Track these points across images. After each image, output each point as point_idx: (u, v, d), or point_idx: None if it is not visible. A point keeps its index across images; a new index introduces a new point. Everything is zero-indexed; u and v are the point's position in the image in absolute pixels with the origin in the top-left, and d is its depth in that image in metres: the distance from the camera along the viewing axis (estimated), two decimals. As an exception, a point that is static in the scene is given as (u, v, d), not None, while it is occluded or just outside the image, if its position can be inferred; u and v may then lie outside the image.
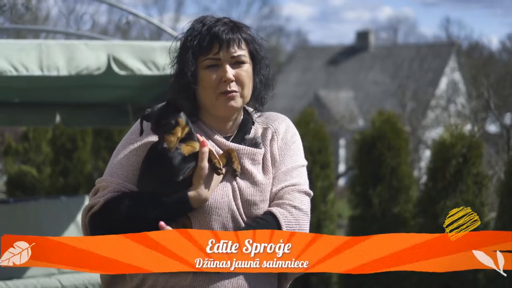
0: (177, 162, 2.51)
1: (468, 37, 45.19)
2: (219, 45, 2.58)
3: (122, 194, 2.56)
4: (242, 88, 2.62)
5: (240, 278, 2.54)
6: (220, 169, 2.53)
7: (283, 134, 2.71)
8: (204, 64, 2.60)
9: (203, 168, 2.52)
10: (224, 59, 2.59)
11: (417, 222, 7.24)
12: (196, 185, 2.53)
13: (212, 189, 2.54)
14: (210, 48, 2.58)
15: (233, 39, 2.59)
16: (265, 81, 2.68)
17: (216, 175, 2.54)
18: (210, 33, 2.59)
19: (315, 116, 8.95)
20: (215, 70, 2.59)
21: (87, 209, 2.58)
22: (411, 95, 16.27)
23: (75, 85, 6.06)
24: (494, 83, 11.40)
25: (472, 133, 7.27)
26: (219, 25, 2.60)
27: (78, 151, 10.55)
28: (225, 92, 2.59)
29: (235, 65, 2.60)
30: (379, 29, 42.45)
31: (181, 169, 2.52)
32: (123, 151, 2.62)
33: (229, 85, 2.59)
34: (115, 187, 2.57)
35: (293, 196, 2.63)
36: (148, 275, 2.56)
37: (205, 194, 2.53)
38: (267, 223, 2.56)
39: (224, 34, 2.58)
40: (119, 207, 2.53)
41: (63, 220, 6.61)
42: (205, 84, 2.60)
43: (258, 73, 2.66)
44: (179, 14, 33.96)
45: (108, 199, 2.55)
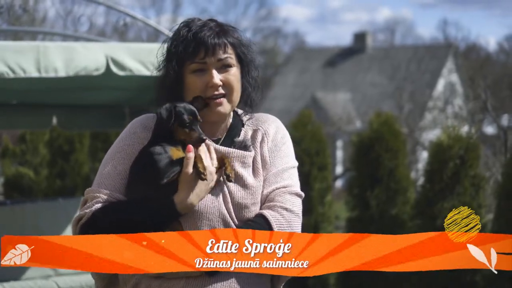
0: (163, 164, 2.50)
1: (465, 38, 45.24)
2: (204, 50, 2.57)
3: (108, 204, 2.55)
4: (230, 92, 2.61)
5: (233, 281, 2.54)
6: (204, 174, 2.50)
7: (273, 136, 2.70)
8: (190, 69, 2.59)
9: (187, 173, 2.50)
10: (210, 63, 2.58)
11: (415, 224, 7.24)
12: (181, 190, 2.51)
13: (198, 195, 2.52)
14: (196, 54, 2.57)
15: (219, 44, 2.58)
16: (254, 83, 2.67)
17: (202, 181, 2.52)
18: (196, 38, 2.57)
19: (312, 117, 8.94)
20: (202, 75, 2.58)
21: (76, 220, 2.58)
22: (408, 96, 16.27)
23: (73, 87, 6.05)
24: (492, 84, 11.42)
25: (470, 135, 7.28)
26: (205, 30, 2.58)
27: (75, 153, 10.54)
28: (212, 97, 2.59)
29: (222, 69, 2.59)
30: (377, 30, 42.56)
31: (166, 171, 2.50)
32: (110, 160, 2.62)
33: (216, 89, 2.58)
34: (102, 197, 2.56)
35: (285, 198, 2.62)
36: (142, 279, 2.55)
37: (191, 200, 2.51)
38: (258, 226, 2.55)
39: (210, 39, 2.57)
40: (106, 217, 2.52)
41: (61, 222, 6.61)
42: (192, 89, 2.59)
43: (246, 75, 2.65)
44: (177, 16, 33.94)
45: (96, 210, 2.54)
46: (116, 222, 2.50)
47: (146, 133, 2.62)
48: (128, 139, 2.64)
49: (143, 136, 2.62)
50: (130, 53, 5.47)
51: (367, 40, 31.25)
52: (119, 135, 2.71)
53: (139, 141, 2.61)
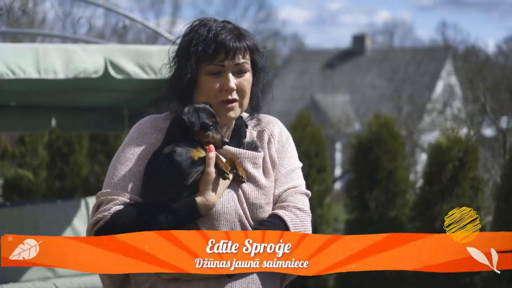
0: (186, 165, 2.49)
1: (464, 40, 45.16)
2: (225, 53, 2.56)
3: (127, 206, 2.51)
4: (242, 97, 2.62)
5: (251, 282, 2.54)
6: (227, 173, 2.52)
7: (278, 137, 2.71)
8: (207, 70, 2.58)
9: (210, 173, 2.51)
10: (228, 66, 2.57)
11: (414, 226, 7.25)
12: (203, 190, 2.51)
13: (219, 195, 2.53)
14: (215, 56, 2.56)
15: (240, 48, 2.58)
16: (263, 90, 2.68)
17: (222, 180, 2.53)
18: (217, 40, 2.55)
19: (311, 120, 8.95)
20: (217, 77, 2.58)
21: (92, 224, 2.53)
22: (407, 98, 16.27)
23: (72, 88, 6.06)
24: (490, 86, 11.43)
25: (468, 137, 7.29)
26: (225, 32, 2.57)
27: (74, 155, 10.53)
28: (226, 101, 2.59)
29: (237, 73, 2.59)
30: (376, 33, 42.52)
31: (190, 172, 2.50)
32: (123, 161, 2.58)
33: (230, 94, 2.58)
34: (120, 199, 2.52)
35: (296, 198, 2.65)
36: (156, 283, 2.53)
37: (213, 200, 2.51)
38: (275, 226, 2.57)
39: (231, 42, 2.56)
40: (127, 220, 2.48)
41: (60, 223, 6.60)
42: (205, 90, 2.58)
43: (257, 81, 2.66)
44: (176, 18, 33.93)
45: (115, 213, 2.50)
46: (137, 224, 2.47)
47: (157, 134, 2.60)
48: (139, 140, 2.60)
49: (154, 137, 2.60)
50: (129, 56, 5.47)
51: (366, 42, 31.26)
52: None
53: (151, 142, 2.59)
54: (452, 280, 6.80)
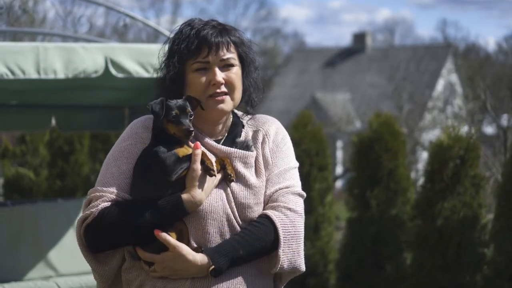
0: (171, 162, 2.50)
1: (464, 38, 45.27)
2: (208, 48, 2.57)
3: (115, 203, 2.54)
4: (232, 91, 2.62)
5: (238, 281, 2.54)
6: (213, 170, 2.51)
7: (273, 137, 2.71)
8: (193, 68, 2.59)
9: (196, 169, 2.51)
10: (213, 62, 2.58)
11: (415, 224, 7.24)
12: (189, 187, 2.51)
13: (206, 192, 2.53)
14: (198, 52, 2.58)
15: (222, 42, 2.59)
16: (254, 83, 2.68)
17: (210, 178, 2.53)
18: (199, 36, 2.58)
19: (312, 118, 8.95)
20: (204, 73, 2.59)
21: (81, 220, 2.57)
22: (408, 97, 16.26)
23: (72, 88, 6.05)
24: (491, 84, 11.42)
25: (469, 135, 7.27)
26: (208, 28, 2.59)
27: (75, 154, 10.53)
28: (214, 95, 2.59)
29: (224, 68, 2.60)
30: (376, 31, 42.55)
31: (174, 169, 2.50)
32: (114, 160, 2.62)
33: (218, 87, 2.59)
34: (108, 196, 2.56)
35: (288, 198, 2.63)
36: (146, 280, 2.55)
37: (199, 197, 2.51)
38: (263, 226, 2.56)
39: (213, 37, 2.58)
40: (113, 217, 2.51)
41: (61, 223, 6.60)
42: (194, 87, 2.59)
43: (247, 75, 2.66)
44: (176, 16, 33.97)
45: (102, 209, 2.53)
46: (123, 221, 2.50)
47: (147, 133, 2.62)
48: (130, 139, 2.63)
49: (145, 136, 2.62)
50: (130, 54, 5.46)
51: (366, 40, 31.25)
52: (119, 136, 2.71)
53: (141, 141, 2.61)
54: (452, 279, 6.79)
